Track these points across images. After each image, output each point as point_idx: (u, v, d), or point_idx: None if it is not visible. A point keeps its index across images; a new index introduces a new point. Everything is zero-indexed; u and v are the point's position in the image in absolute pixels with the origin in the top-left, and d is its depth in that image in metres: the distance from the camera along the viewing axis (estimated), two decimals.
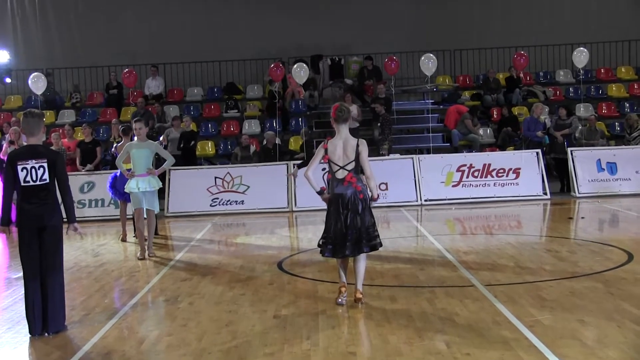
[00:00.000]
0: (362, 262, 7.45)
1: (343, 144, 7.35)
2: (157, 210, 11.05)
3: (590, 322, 6.40)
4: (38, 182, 6.65)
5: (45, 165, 6.67)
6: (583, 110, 20.28)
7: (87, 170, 16.66)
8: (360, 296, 7.34)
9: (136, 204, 10.73)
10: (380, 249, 7.58)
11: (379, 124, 18.66)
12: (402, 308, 7.12)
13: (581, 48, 19.50)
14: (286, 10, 22.77)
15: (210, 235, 13.32)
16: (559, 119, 18.17)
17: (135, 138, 10.89)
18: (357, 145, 7.33)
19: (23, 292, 6.85)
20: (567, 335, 6.04)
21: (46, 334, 6.68)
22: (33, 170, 6.63)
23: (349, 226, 7.26)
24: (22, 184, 6.65)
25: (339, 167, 7.32)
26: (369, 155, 7.56)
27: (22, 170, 6.64)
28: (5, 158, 18.01)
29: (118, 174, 12.28)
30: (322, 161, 7.41)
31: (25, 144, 17.97)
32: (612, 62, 22.58)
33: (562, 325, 6.32)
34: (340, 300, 7.36)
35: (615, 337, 5.96)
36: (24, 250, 6.76)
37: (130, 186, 10.68)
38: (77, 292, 8.54)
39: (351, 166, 7.31)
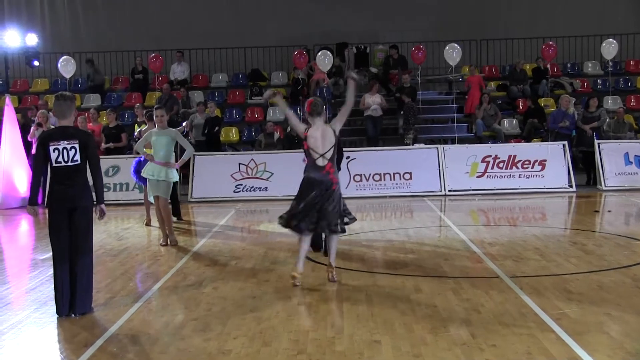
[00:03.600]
0: (334, 242, 7.97)
1: (321, 133, 7.77)
2: (167, 197, 10.76)
3: (618, 316, 6.33)
4: (70, 163, 6.68)
5: (77, 146, 6.68)
6: (611, 102, 20.06)
7: (107, 148, 16.75)
8: (334, 272, 7.91)
9: (153, 191, 10.66)
10: (344, 233, 8.17)
11: (402, 112, 18.62)
12: (426, 298, 7.09)
13: (610, 39, 19.27)
14: None
15: (233, 222, 13.35)
16: (586, 111, 17.96)
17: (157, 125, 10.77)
18: (334, 130, 7.82)
19: (50, 273, 6.90)
20: (594, 328, 5.98)
21: (73, 315, 6.73)
22: (65, 151, 6.65)
23: (321, 210, 7.71)
24: (54, 164, 6.68)
25: (318, 155, 7.73)
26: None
27: (54, 151, 6.66)
28: (34, 140, 18.21)
29: (142, 159, 12.31)
30: (303, 149, 7.84)
31: (52, 126, 18.20)
32: None
33: (589, 319, 6.25)
34: (296, 283, 7.77)
35: None
36: (53, 232, 6.79)
37: (147, 171, 10.59)
38: (102, 275, 8.59)
39: (330, 154, 7.75)
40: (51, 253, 6.90)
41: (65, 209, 6.72)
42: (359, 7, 22.57)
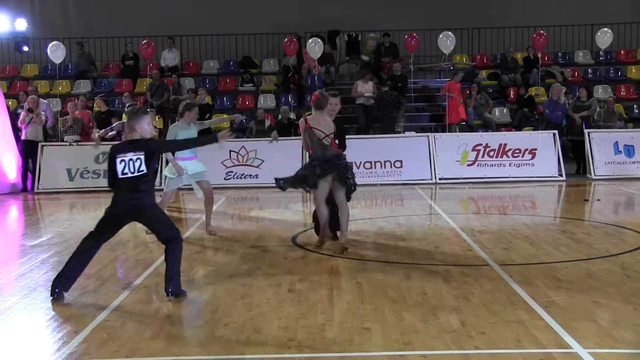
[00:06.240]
0: (345, 215, 8.79)
1: (321, 121, 8.59)
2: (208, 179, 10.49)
3: (606, 304, 6.37)
4: (136, 174, 6.71)
5: (142, 157, 6.71)
6: (601, 92, 20.12)
7: (98, 135, 16.57)
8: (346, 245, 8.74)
9: (170, 186, 10.18)
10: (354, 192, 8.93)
11: (385, 103, 18.39)
12: (417, 286, 7.11)
13: (605, 29, 19.32)
14: None
15: (224, 209, 13.34)
16: (578, 100, 18.02)
17: (182, 119, 10.16)
18: (335, 122, 8.71)
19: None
20: (583, 316, 6.01)
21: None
22: (131, 162, 6.69)
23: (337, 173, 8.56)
24: (120, 176, 6.72)
25: (324, 135, 8.51)
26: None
27: (120, 163, 6.71)
28: (24, 126, 18.09)
29: None
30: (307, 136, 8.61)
31: (43, 112, 17.99)
32: (632, 43, 22.36)
33: (577, 307, 6.28)
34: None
35: (631, 319, 5.93)
36: (99, 228, 6.96)
37: (186, 173, 10.03)
38: (92, 262, 8.48)
39: (332, 135, 8.58)
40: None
41: (125, 217, 6.91)
42: None
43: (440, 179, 16.40)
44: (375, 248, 9.26)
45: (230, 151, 16.65)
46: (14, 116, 17.19)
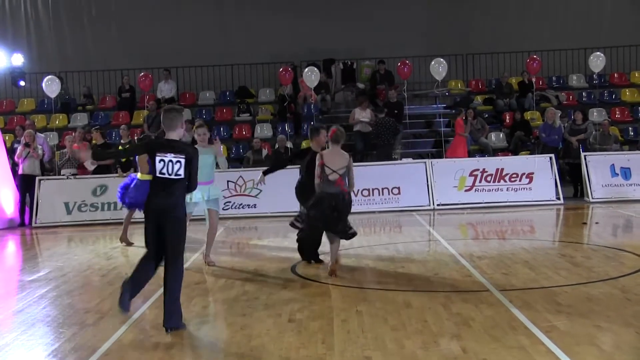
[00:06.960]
0: (336, 244, 9.18)
1: (336, 155, 9.02)
2: (219, 210, 10.54)
3: (608, 328, 6.34)
4: (173, 176, 6.65)
5: (183, 161, 6.64)
6: (596, 115, 20.21)
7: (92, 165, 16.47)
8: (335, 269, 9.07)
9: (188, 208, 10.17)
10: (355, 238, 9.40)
11: (383, 130, 18.39)
12: (417, 312, 7.08)
13: (598, 53, 19.44)
14: (299, 14, 22.82)
15: (222, 239, 13.30)
16: (574, 123, 18.10)
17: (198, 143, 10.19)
18: (349, 158, 9.04)
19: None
20: (584, 341, 5.98)
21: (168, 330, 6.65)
22: (170, 163, 6.62)
23: (339, 217, 8.95)
24: (157, 175, 6.67)
25: (332, 171, 8.88)
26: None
27: (159, 162, 6.65)
28: (20, 161, 18.07)
29: (132, 184, 11.95)
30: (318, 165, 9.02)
31: (40, 146, 17.99)
32: (625, 66, 22.52)
33: (578, 331, 6.26)
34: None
35: (633, 343, 5.91)
36: (148, 238, 6.83)
37: (196, 197, 9.89)
38: (91, 295, 8.54)
39: (342, 171, 8.92)
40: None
41: (157, 219, 6.69)
42: (345, 24, 22.63)
43: (438, 204, 16.41)
44: (375, 276, 9.24)
45: (228, 181, 16.65)
46: (11, 151, 17.21)
